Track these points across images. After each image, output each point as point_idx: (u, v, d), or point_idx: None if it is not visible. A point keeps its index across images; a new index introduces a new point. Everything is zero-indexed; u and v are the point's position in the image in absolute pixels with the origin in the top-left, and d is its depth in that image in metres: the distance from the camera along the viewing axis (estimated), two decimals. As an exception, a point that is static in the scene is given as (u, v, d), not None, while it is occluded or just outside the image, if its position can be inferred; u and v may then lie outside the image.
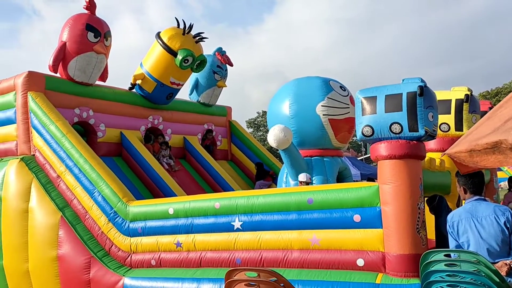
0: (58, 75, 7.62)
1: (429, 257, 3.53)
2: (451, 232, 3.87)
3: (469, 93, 6.65)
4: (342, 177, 7.23)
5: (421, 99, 4.21)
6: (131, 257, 5.88)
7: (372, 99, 4.41)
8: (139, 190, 7.78)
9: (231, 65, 10.13)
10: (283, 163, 6.75)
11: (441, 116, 6.31)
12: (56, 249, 6.21)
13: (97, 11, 7.70)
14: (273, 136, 6.00)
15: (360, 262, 4.48)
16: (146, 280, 5.56)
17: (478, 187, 3.90)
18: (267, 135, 6.09)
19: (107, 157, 7.77)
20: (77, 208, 6.37)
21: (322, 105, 6.66)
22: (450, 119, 6.69)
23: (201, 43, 8.48)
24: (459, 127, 6.64)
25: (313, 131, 6.73)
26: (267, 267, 4.82)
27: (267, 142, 6.13)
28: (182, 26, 8.28)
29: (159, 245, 5.68)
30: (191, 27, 8.28)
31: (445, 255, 3.52)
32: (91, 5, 7.58)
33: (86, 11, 7.60)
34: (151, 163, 7.95)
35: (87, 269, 5.95)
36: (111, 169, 6.53)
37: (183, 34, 8.20)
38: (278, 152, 6.44)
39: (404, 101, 4.24)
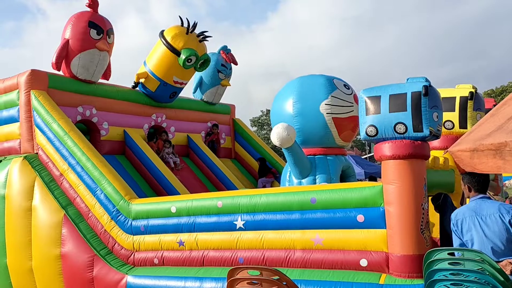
0: (61, 73, 7.63)
1: (432, 255, 3.50)
2: (455, 230, 3.85)
3: (473, 90, 6.60)
4: (345, 176, 7.19)
5: (426, 99, 4.17)
6: (134, 255, 5.89)
7: (376, 99, 4.37)
8: (142, 188, 7.78)
9: (236, 63, 10.10)
10: (286, 161, 6.73)
11: (445, 113, 6.26)
12: (59, 247, 6.22)
13: (102, 10, 7.72)
14: (276, 134, 5.97)
15: (363, 262, 4.46)
16: (149, 278, 5.56)
17: (482, 185, 3.87)
18: (271, 133, 6.07)
19: (110, 155, 7.77)
20: (80, 206, 6.38)
21: (326, 104, 6.62)
22: (454, 116, 6.65)
23: (205, 42, 8.45)
24: (463, 124, 6.59)
25: (316, 130, 6.69)
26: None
27: (271, 140, 6.09)
28: (185, 24, 8.25)
29: (162, 244, 5.68)
30: (195, 25, 8.25)
31: (449, 254, 3.49)
32: (93, 2, 7.58)
33: (88, 9, 7.60)
34: (154, 161, 7.94)
35: (90, 267, 5.96)
36: (114, 167, 6.53)
37: (187, 33, 8.17)
38: (281, 150, 6.41)
39: (408, 101, 4.20)
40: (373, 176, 18.99)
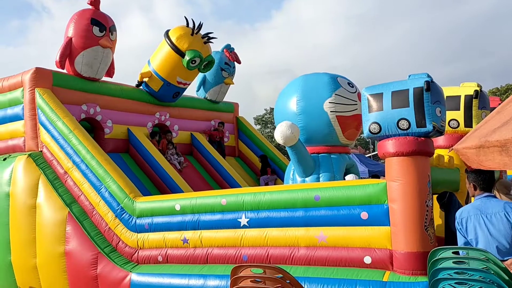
0: (65, 71, 7.65)
1: (437, 254, 3.48)
2: (460, 229, 3.82)
3: (478, 89, 6.55)
4: (349, 174, 7.18)
5: (428, 94, 4.16)
6: (138, 253, 5.90)
7: (378, 96, 4.36)
8: (146, 186, 7.80)
9: (239, 62, 10.10)
10: (290, 160, 6.71)
11: (450, 112, 6.23)
12: (63, 245, 6.24)
13: (106, 9, 7.76)
14: (280, 132, 5.96)
15: (367, 259, 4.45)
16: (153, 276, 5.57)
17: (488, 184, 3.85)
18: (274, 131, 6.06)
19: (114, 154, 7.79)
20: (84, 204, 6.40)
21: (329, 102, 6.60)
22: (459, 115, 6.60)
23: (210, 43, 8.44)
24: (468, 123, 6.55)
25: (320, 128, 6.68)
26: (273, 264, 4.80)
27: (275, 139, 6.08)
28: (191, 25, 8.23)
29: (166, 241, 5.69)
30: (200, 26, 8.22)
31: (454, 253, 3.48)
32: (95, 0, 7.60)
33: (90, 7, 7.62)
34: (158, 159, 7.96)
35: (94, 264, 5.98)
36: (118, 165, 6.55)
37: (192, 34, 8.16)
38: (285, 148, 6.40)
39: (411, 96, 4.19)
40: (377, 174, 18.94)
